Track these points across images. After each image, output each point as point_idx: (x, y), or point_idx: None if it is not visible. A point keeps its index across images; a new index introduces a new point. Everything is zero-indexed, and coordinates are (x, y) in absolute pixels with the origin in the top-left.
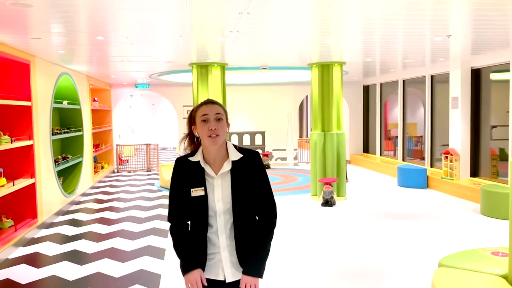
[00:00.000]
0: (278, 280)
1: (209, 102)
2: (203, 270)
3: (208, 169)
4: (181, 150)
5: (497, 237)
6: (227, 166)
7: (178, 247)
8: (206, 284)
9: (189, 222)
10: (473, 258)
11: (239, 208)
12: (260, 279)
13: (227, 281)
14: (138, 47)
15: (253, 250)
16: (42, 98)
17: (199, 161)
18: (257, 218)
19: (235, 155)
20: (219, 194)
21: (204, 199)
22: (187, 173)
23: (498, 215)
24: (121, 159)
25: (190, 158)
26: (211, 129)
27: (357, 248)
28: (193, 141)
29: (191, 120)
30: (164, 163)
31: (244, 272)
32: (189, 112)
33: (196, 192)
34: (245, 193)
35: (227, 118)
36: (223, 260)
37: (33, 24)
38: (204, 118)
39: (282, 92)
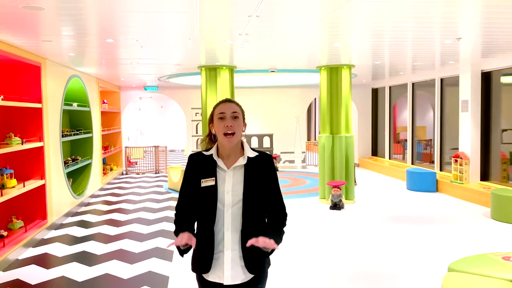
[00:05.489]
0: (287, 284)
1: (227, 101)
2: (208, 270)
3: (220, 163)
4: (189, 151)
5: (507, 242)
6: (242, 161)
7: (177, 226)
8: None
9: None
10: (484, 262)
11: (249, 201)
12: (276, 246)
13: (225, 283)
14: (148, 50)
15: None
16: (53, 100)
17: (212, 155)
18: (266, 219)
19: (251, 153)
20: (229, 186)
21: (213, 189)
22: (199, 166)
23: (509, 220)
24: (129, 161)
25: (204, 153)
26: (227, 126)
27: (366, 252)
28: (212, 140)
29: (210, 118)
30: (173, 165)
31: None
32: (197, 114)
33: (207, 182)
34: (256, 189)
35: (244, 118)
36: (225, 261)
37: (44, 27)
38: (221, 116)
39: (291, 94)
